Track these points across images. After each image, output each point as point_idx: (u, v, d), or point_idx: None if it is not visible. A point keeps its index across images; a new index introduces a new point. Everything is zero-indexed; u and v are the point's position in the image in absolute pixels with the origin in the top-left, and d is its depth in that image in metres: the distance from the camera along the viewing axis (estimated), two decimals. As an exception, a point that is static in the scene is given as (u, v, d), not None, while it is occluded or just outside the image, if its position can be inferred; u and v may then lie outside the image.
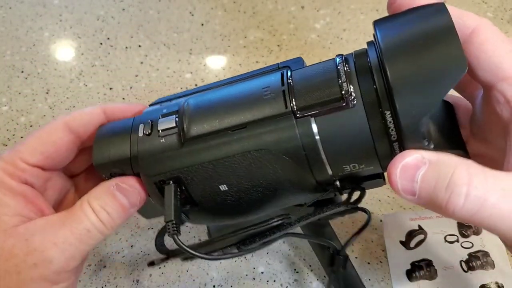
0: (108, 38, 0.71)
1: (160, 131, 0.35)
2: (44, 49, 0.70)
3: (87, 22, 0.74)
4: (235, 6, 0.75)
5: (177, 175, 0.35)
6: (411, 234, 0.48)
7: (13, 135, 0.60)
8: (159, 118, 0.35)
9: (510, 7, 0.69)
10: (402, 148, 0.30)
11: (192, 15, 0.74)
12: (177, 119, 0.35)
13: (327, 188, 0.35)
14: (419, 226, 0.49)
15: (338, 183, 0.34)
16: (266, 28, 0.72)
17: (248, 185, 0.34)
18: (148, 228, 0.51)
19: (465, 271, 0.46)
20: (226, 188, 0.35)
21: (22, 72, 0.67)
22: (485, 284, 0.45)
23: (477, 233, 0.48)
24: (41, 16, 0.75)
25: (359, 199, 0.35)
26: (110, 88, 0.65)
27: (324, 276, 0.47)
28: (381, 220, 0.51)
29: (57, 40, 0.72)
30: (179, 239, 0.34)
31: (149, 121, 0.36)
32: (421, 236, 0.48)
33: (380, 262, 0.48)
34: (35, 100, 0.64)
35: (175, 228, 0.34)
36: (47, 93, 0.65)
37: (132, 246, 0.50)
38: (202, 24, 0.73)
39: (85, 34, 0.72)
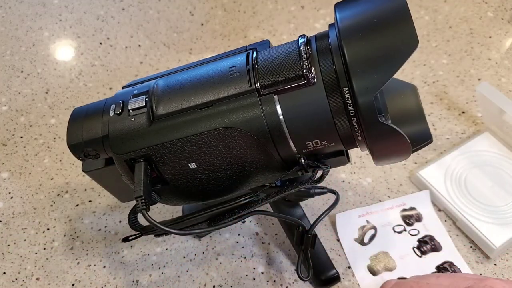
0: (107, 38, 0.71)
1: (131, 110, 0.36)
2: (43, 49, 0.70)
3: (87, 21, 0.74)
4: (235, 5, 0.75)
5: (146, 153, 0.36)
6: (362, 230, 0.50)
7: (13, 135, 0.60)
8: (130, 99, 0.36)
9: (510, 6, 0.69)
10: (360, 124, 0.32)
11: (192, 14, 0.74)
12: (147, 99, 0.36)
13: (293, 167, 0.36)
14: (367, 221, 0.50)
15: (302, 160, 0.35)
16: (266, 28, 0.72)
17: (216, 163, 0.35)
18: (148, 228, 0.51)
19: (419, 256, 0.48)
20: (195, 166, 0.36)
21: (22, 72, 0.67)
22: (439, 265, 0.47)
23: (419, 220, 0.50)
24: (40, 16, 0.75)
25: (322, 177, 0.36)
26: (110, 88, 0.65)
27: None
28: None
29: (56, 40, 0.72)
30: (148, 215, 0.35)
31: (121, 101, 0.37)
32: (372, 231, 0.50)
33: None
34: (34, 100, 0.64)
35: (144, 204, 0.35)
36: (46, 93, 0.65)
37: (131, 246, 0.50)
38: (202, 24, 0.73)
39: (85, 33, 0.72)
